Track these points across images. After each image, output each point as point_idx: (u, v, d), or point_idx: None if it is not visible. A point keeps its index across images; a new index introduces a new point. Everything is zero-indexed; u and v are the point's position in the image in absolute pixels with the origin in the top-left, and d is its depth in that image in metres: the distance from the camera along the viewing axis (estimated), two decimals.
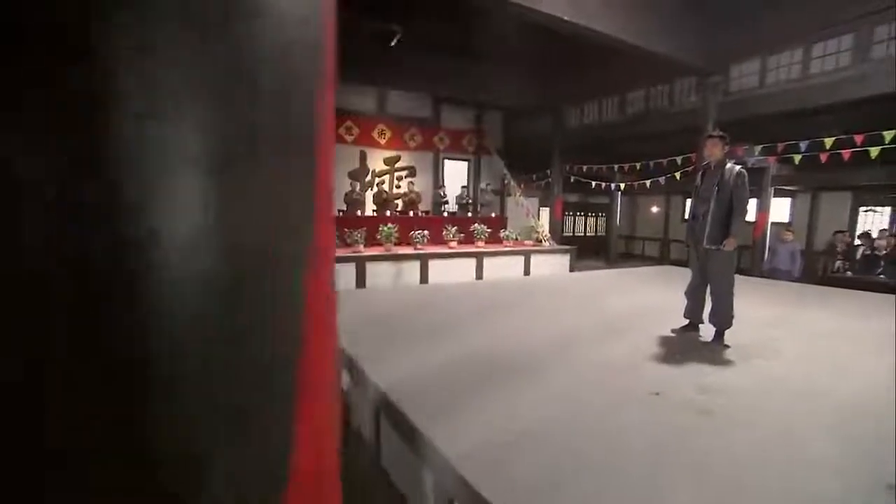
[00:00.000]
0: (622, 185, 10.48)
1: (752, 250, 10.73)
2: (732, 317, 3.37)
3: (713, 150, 3.39)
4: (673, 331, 3.67)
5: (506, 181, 12.36)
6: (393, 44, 10.28)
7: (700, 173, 3.55)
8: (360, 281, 7.89)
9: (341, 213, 10.14)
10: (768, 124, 8.23)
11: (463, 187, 11.52)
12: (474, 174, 13.45)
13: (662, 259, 13.89)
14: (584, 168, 11.20)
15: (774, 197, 10.82)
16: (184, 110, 0.45)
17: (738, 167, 3.32)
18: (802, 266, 7.98)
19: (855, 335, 3.79)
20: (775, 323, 4.11)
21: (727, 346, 3.32)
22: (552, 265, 10.02)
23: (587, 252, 14.71)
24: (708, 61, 8.14)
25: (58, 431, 0.42)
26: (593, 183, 10.86)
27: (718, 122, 8.31)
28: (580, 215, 15.66)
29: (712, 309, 3.43)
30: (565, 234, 15.29)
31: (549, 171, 11.95)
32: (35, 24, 0.39)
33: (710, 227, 3.34)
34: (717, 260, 3.36)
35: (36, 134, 0.41)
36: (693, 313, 3.64)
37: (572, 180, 11.56)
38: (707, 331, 3.53)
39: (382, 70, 9.98)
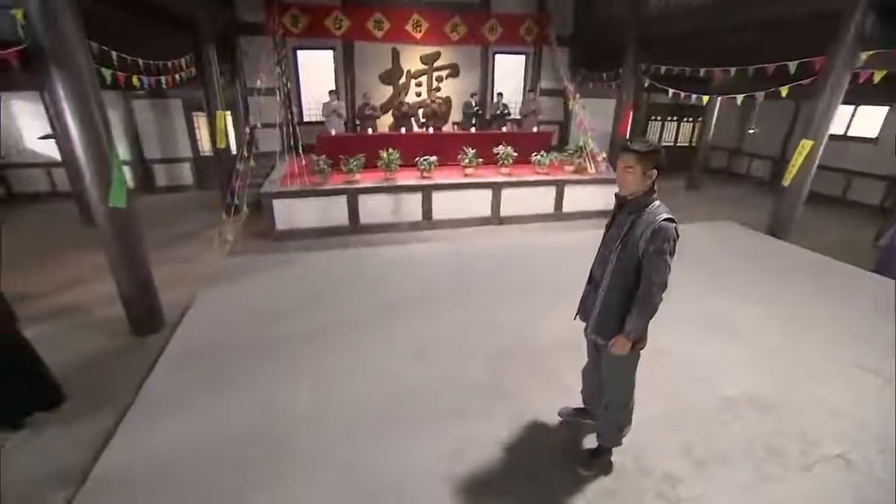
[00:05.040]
0: (706, 98, 7.77)
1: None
2: (623, 435, 2.25)
3: (627, 177, 1.93)
4: (561, 414, 2.64)
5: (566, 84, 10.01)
6: None
7: (615, 207, 2.11)
8: (353, 217, 7.36)
9: (358, 127, 9.29)
10: None
11: (499, 94, 9.63)
12: (534, 72, 11.15)
13: (773, 180, 10.80)
14: (663, 70, 8.45)
15: None
16: None
17: (663, 217, 1.87)
18: None
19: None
20: (741, 410, 2.77)
21: (607, 468, 2.28)
22: (593, 198, 8.35)
23: (673, 167, 12.00)
24: None
25: None
26: (670, 91, 8.22)
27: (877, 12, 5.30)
28: (671, 120, 12.53)
29: (602, 413, 2.32)
30: None
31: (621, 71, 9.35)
32: None
33: (601, 308, 2.07)
34: (611, 358, 2.14)
35: None
36: (590, 399, 2.53)
37: (647, 84, 8.92)
38: None
39: None
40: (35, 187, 8.89)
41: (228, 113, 7.99)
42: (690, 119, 12.53)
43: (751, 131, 10.42)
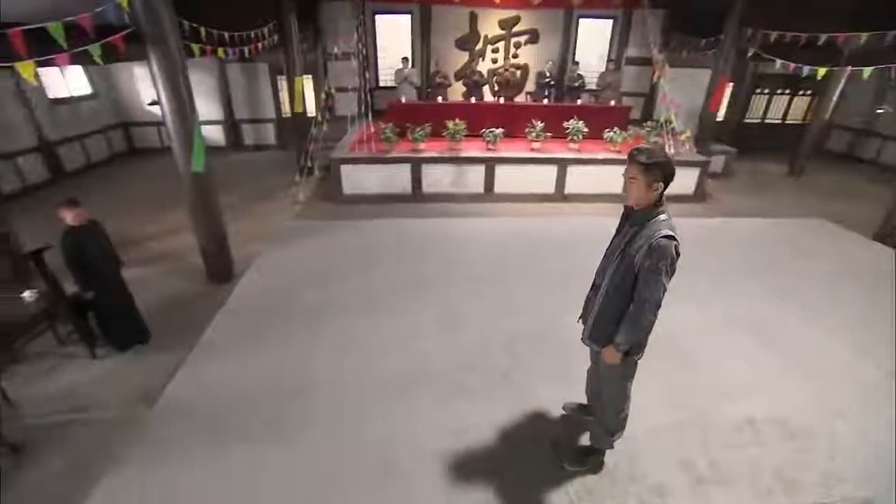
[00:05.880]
0: (821, 71, 6.62)
1: None
2: (613, 440, 2.25)
3: (632, 187, 1.84)
4: (565, 408, 2.68)
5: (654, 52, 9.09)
6: None
7: (621, 216, 2.02)
8: (416, 186, 7.56)
9: (429, 93, 9.31)
10: None
11: (575, 63, 9.04)
12: (620, 38, 10.26)
13: None
14: (773, 36, 7.35)
15: None
16: None
17: (663, 233, 1.78)
18: None
19: None
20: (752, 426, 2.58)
21: (597, 467, 2.31)
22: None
23: (779, 147, 10.54)
24: None
25: None
26: (778, 62, 7.14)
27: None
28: (781, 93, 10.93)
29: (599, 413, 2.32)
30: (748, 118, 11.17)
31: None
32: None
33: (596, 316, 2.04)
34: (606, 365, 2.11)
35: None
36: (592, 399, 2.53)
37: (750, 53, 7.82)
38: None
39: None
40: (152, 143, 10.20)
41: (309, 77, 8.41)
42: (808, 92, 10.84)
43: (880, 110, 8.76)
